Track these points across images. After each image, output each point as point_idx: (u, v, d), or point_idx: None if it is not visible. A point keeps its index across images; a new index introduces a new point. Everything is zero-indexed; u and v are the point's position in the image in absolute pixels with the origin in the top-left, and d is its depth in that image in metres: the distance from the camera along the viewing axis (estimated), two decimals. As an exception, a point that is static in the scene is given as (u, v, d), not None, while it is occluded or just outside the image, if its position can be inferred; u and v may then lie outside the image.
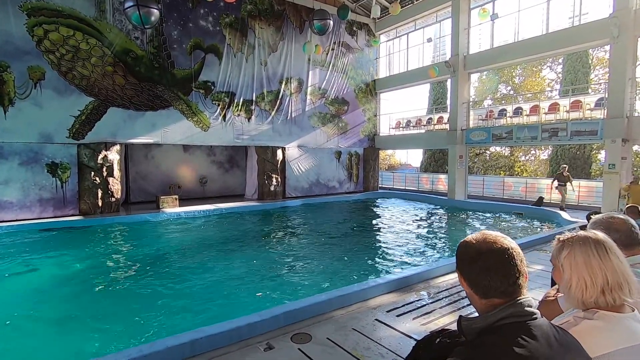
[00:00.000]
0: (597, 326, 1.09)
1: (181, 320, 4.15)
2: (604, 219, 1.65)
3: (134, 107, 11.07)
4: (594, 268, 1.14)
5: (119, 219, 10.07)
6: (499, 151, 25.33)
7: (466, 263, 1.05)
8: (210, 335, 3.03)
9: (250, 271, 5.94)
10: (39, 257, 6.77)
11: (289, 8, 14.18)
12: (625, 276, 1.13)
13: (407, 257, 6.85)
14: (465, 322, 1.02)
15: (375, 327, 3.43)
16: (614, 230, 1.58)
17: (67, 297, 4.93)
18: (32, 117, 9.53)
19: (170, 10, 11.52)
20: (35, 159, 9.66)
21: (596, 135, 10.46)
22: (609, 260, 1.13)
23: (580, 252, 1.18)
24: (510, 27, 26.19)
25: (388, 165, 32.57)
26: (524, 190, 15.07)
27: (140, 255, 6.95)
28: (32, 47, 9.42)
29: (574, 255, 1.19)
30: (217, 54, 12.54)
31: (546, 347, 0.92)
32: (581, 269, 1.16)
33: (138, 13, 8.43)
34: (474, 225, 10.21)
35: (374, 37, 17.07)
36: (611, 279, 1.12)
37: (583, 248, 1.18)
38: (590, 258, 1.15)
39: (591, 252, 1.16)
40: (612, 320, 1.10)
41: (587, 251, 1.17)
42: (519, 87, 25.15)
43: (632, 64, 9.99)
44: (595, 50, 20.22)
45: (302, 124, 14.98)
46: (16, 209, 9.42)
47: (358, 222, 10.86)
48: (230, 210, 11.99)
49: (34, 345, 3.68)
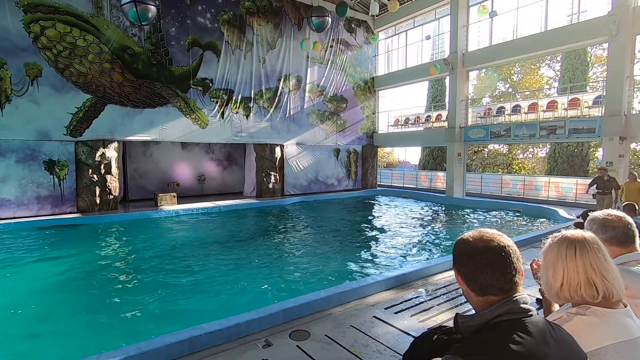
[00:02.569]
0: (589, 321, 1.11)
1: (180, 317, 4.15)
2: (600, 217, 1.65)
3: (131, 105, 11.03)
4: (557, 267, 1.20)
5: (117, 216, 10.05)
6: (497, 149, 25.37)
7: (463, 260, 1.06)
8: (209, 332, 3.04)
9: (249, 269, 5.94)
10: (37, 254, 6.76)
11: (287, 5, 14.12)
12: (598, 277, 1.15)
13: (405, 254, 6.87)
14: (462, 319, 1.03)
15: (373, 324, 3.44)
16: (610, 228, 1.58)
17: (64, 295, 4.93)
18: (29, 114, 9.48)
19: (167, 6, 11.45)
20: (33, 156, 9.62)
21: (594, 132, 10.49)
22: (575, 261, 1.17)
23: (550, 251, 1.24)
24: (508, 25, 26.16)
25: (387, 163, 32.60)
26: (522, 187, 15.12)
27: (138, 253, 6.95)
28: (29, 44, 9.36)
29: (547, 253, 1.24)
30: (215, 51, 12.49)
31: (542, 344, 0.93)
32: (549, 266, 1.22)
33: (135, 10, 8.39)
34: (472, 223, 10.24)
35: (373, 34, 17.02)
36: (578, 277, 1.16)
37: (554, 247, 1.23)
38: (559, 257, 1.20)
39: (560, 252, 1.21)
40: (604, 316, 1.12)
41: (558, 251, 1.22)
42: (517, 85, 25.16)
43: (631, 61, 10.00)
44: (593, 48, 20.22)
45: (301, 121, 14.96)
46: (14, 207, 9.40)
47: (356, 219, 10.87)
48: (229, 207, 11.98)
49: (32, 343, 3.68)
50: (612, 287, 1.14)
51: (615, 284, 1.15)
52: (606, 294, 1.14)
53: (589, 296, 1.15)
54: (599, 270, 1.15)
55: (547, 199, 13.70)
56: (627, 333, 1.10)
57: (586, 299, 1.15)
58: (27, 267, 6.08)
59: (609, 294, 1.14)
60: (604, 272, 1.15)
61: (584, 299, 1.16)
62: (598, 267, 1.15)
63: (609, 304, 1.14)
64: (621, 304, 1.16)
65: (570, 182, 13.85)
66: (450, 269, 4.94)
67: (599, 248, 1.19)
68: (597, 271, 1.15)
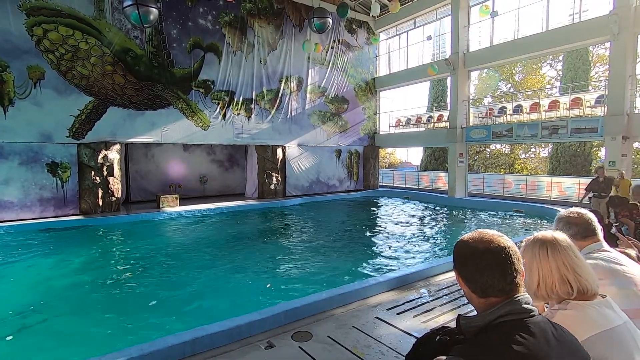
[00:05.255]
0: (569, 315, 1.17)
1: (183, 318, 4.16)
2: (564, 215, 1.78)
3: (133, 107, 11.07)
4: (532, 268, 1.27)
5: (120, 218, 10.08)
6: (499, 149, 25.31)
7: (463, 262, 1.06)
8: (211, 333, 3.04)
9: (251, 269, 5.94)
10: (40, 256, 6.78)
11: (288, 6, 14.15)
12: (571, 274, 1.22)
13: (407, 255, 6.86)
14: (464, 320, 1.03)
15: (376, 325, 3.44)
16: (573, 225, 1.72)
17: (66, 296, 4.94)
18: (32, 117, 9.52)
19: (169, 9, 11.50)
20: (36, 158, 9.66)
21: (596, 132, 10.45)
22: (548, 260, 1.24)
23: (525, 253, 1.31)
24: (510, 25, 26.12)
25: (388, 164, 32.58)
26: (524, 188, 15.08)
27: (141, 254, 6.96)
28: (32, 47, 9.40)
29: (523, 255, 1.29)
30: (216, 52, 12.53)
31: (544, 344, 0.93)
32: (526, 268, 1.27)
33: (137, 12, 8.43)
34: (474, 223, 10.22)
35: (374, 35, 17.01)
36: (552, 276, 1.23)
37: (529, 249, 1.31)
38: (533, 258, 1.28)
39: (534, 253, 1.28)
40: (584, 309, 1.18)
41: (532, 252, 1.29)
42: (519, 85, 25.11)
43: (632, 61, 9.98)
44: (595, 48, 20.17)
45: (302, 122, 14.97)
46: (17, 209, 9.43)
47: (358, 220, 10.86)
48: (231, 209, 12.00)
49: (33, 343, 3.69)
50: (585, 282, 1.21)
51: (588, 279, 1.21)
52: (580, 289, 1.20)
53: (564, 293, 1.21)
54: (572, 268, 1.22)
55: (550, 199, 13.67)
56: (608, 323, 1.15)
57: (562, 296, 1.22)
58: (30, 269, 6.10)
59: (584, 288, 1.20)
60: (577, 268, 1.22)
61: (560, 296, 1.22)
62: (570, 264, 1.22)
63: (586, 297, 1.21)
64: (599, 296, 1.22)
65: (572, 182, 13.82)
66: (452, 270, 4.92)
67: (569, 246, 1.26)
68: (569, 269, 1.22)
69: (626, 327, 1.16)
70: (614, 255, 1.63)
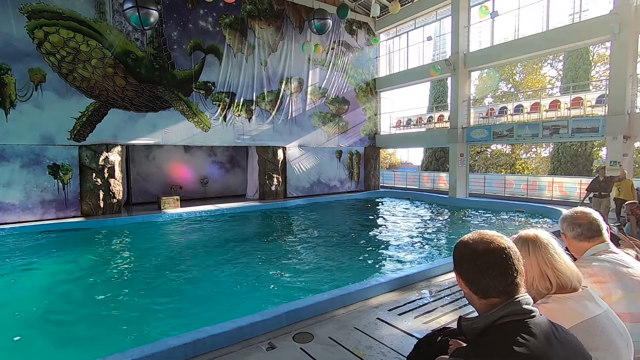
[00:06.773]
0: (551, 308, 1.20)
1: (184, 319, 4.16)
2: (568, 215, 1.76)
3: (134, 109, 11.09)
4: None
5: (121, 220, 10.09)
6: (500, 149, 25.30)
7: (464, 263, 1.06)
8: (213, 335, 3.04)
9: (251, 271, 5.94)
10: (41, 258, 6.80)
11: (288, 8, 14.18)
12: (550, 269, 1.26)
13: (409, 256, 6.85)
14: (465, 322, 1.03)
15: (377, 326, 3.43)
16: (577, 225, 1.70)
17: (68, 298, 4.95)
18: (33, 119, 9.56)
19: (169, 11, 11.53)
20: (37, 160, 9.69)
21: (597, 132, 10.44)
22: (529, 257, 1.28)
23: None
24: (510, 25, 26.12)
25: (389, 164, 32.58)
26: (526, 187, 15.06)
27: (142, 256, 6.97)
28: (33, 49, 9.44)
29: None
30: (217, 54, 12.55)
31: (546, 345, 0.93)
32: None
33: (137, 14, 8.43)
34: (476, 224, 10.21)
35: (374, 35, 17.04)
36: (532, 272, 1.27)
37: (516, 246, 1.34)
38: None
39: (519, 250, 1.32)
40: (564, 301, 1.22)
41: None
42: (519, 85, 25.10)
43: (633, 60, 9.96)
44: (596, 47, 20.16)
45: (303, 123, 14.98)
46: (18, 211, 9.46)
47: (359, 221, 10.86)
48: (232, 210, 12.00)
49: (34, 344, 3.70)
50: (564, 277, 1.25)
51: (567, 274, 1.25)
52: (560, 284, 1.24)
53: (543, 288, 1.26)
54: (550, 263, 1.26)
55: (551, 199, 13.66)
56: (588, 312, 1.19)
57: (542, 291, 1.26)
58: (32, 271, 6.11)
59: (563, 283, 1.24)
60: (555, 264, 1.26)
61: (540, 292, 1.26)
62: (549, 260, 1.27)
63: (566, 291, 1.25)
64: (579, 288, 1.26)
65: (574, 182, 13.81)
66: (453, 270, 4.91)
67: (549, 244, 1.30)
68: (548, 264, 1.26)
69: (606, 315, 1.21)
70: (621, 257, 1.61)
